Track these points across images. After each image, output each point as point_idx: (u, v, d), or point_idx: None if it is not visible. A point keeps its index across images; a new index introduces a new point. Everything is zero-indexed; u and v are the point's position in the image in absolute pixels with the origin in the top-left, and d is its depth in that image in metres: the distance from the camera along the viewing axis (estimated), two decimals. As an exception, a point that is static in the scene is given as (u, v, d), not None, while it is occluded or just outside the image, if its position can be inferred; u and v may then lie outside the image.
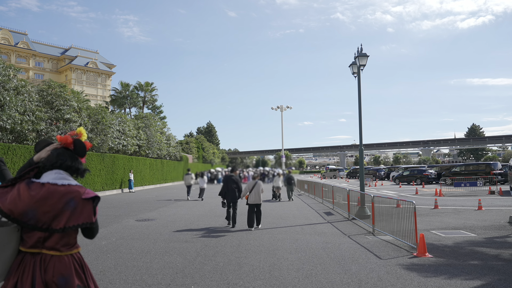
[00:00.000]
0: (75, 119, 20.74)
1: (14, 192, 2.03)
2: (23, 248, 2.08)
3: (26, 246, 2.08)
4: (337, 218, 12.37)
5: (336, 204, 14.85)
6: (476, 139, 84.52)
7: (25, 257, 2.07)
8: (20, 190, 2.04)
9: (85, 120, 21.50)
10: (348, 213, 12.47)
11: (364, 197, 12.04)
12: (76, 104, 21.45)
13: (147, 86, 48.27)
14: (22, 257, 2.07)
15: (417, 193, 21.95)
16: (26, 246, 2.08)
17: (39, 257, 2.06)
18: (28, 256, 2.07)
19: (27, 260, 2.06)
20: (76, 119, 20.83)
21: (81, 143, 2.28)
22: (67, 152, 2.26)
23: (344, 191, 13.69)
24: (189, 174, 20.74)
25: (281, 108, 63.05)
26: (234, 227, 10.37)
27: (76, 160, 2.27)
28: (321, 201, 17.94)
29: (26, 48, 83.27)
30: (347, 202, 12.78)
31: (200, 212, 14.19)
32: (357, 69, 12.60)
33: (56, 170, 2.18)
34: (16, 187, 2.06)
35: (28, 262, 2.05)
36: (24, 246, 2.08)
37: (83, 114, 22.04)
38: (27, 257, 2.07)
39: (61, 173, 2.17)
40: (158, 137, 37.58)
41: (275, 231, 9.67)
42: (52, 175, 2.15)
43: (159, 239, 8.57)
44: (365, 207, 12.04)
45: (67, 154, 2.25)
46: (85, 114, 22.31)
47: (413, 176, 33.43)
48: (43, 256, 2.06)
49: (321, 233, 9.41)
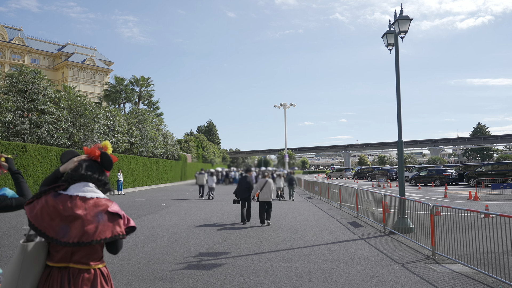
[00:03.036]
0: (52, 111, 17.90)
1: (43, 205, 2.00)
2: (50, 263, 2.04)
3: (53, 260, 2.03)
4: (369, 231, 9.51)
5: (362, 211, 11.99)
6: (486, 137, 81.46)
7: (52, 272, 2.02)
8: (48, 202, 2.01)
9: (63, 112, 18.66)
10: (383, 225, 9.61)
11: (404, 204, 9.18)
12: (54, 93, 18.63)
13: (143, 81, 45.28)
14: (49, 271, 2.03)
15: (446, 196, 19.04)
16: (53, 260, 2.03)
17: (67, 271, 2.01)
18: (55, 270, 2.02)
19: (54, 274, 2.01)
20: (53, 110, 17.99)
21: (108, 157, 2.25)
22: (95, 165, 2.23)
23: (375, 196, 10.85)
24: (202, 173, 20.82)
25: (284, 106, 60.20)
26: (248, 221, 11.08)
27: (103, 173, 2.25)
28: (339, 206, 15.08)
29: (21, 44, 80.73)
30: (381, 210, 9.93)
31: (192, 221, 11.35)
32: (395, 38, 9.73)
33: (84, 182, 2.13)
34: (44, 200, 2.02)
35: (55, 276, 2.00)
36: (51, 261, 2.04)
37: (63, 105, 19.19)
38: (54, 271, 2.02)
39: (89, 185, 2.13)
40: (153, 134, 34.76)
41: (294, 256, 6.81)
42: (80, 187, 2.11)
43: (116, 278, 5.62)
44: (406, 218, 9.19)
45: (95, 166, 2.22)
46: (65, 105, 19.47)
47: (431, 176, 30.49)
48: (71, 270, 2.02)
49: (360, 258, 6.56)
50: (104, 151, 2.27)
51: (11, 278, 2.00)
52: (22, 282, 1.99)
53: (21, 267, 2.00)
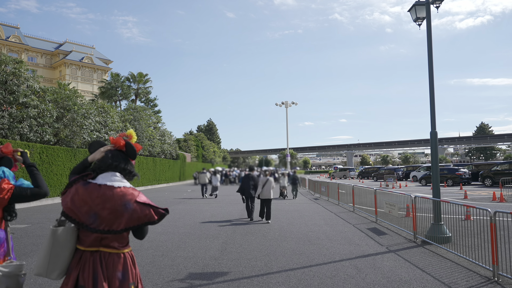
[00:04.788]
0: (35, 104, 16.33)
1: (74, 194, 2.10)
2: (81, 247, 2.12)
3: (84, 245, 2.11)
4: (396, 240, 7.93)
5: (382, 215, 10.42)
6: (493, 136, 79.78)
7: (84, 255, 2.10)
8: (79, 191, 2.09)
9: (48, 106, 17.07)
10: (413, 233, 8.02)
11: (440, 208, 7.60)
12: (38, 85, 17.05)
13: (140, 77, 43.55)
14: (81, 254, 2.11)
15: (467, 197, 17.43)
16: (84, 245, 2.11)
17: (98, 254, 2.09)
18: (87, 253, 2.10)
19: (86, 257, 2.09)
20: (36, 103, 16.41)
21: (131, 146, 2.29)
22: (121, 154, 2.27)
23: (401, 198, 9.28)
24: (204, 173, 21.08)
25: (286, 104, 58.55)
26: (252, 219, 11.24)
27: (129, 162, 2.30)
28: (351, 209, 13.50)
29: (18, 42, 79.21)
30: (411, 216, 8.36)
31: (186, 227, 9.77)
32: (426, 11, 8.12)
33: (111, 172, 2.20)
34: (74, 188, 2.11)
35: (87, 259, 2.08)
36: (82, 245, 2.12)
37: (48, 98, 17.61)
38: (85, 254, 2.10)
39: (116, 175, 2.19)
40: (150, 132, 33.17)
41: (313, 278, 5.21)
42: (108, 177, 2.17)
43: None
44: (442, 225, 7.61)
45: (121, 156, 2.27)
46: (50, 98, 17.88)
47: (443, 176, 28.80)
48: (102, 254, 2.10)
49: (401, 282, 4.97)
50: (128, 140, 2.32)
51: (42, 260, 2.12)
52: (52, 264, 2.10)
53: (51, 250, 2.10)
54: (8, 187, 2.51)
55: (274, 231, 9.12)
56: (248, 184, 11.36)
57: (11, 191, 2.52)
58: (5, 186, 2.50)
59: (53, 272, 2.09)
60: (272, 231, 9.19)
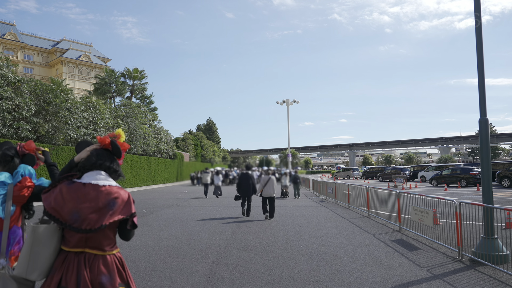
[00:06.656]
0: (9, 96, 14.60)
1: (57, 193, 2.05)
2: (66, 248, 2.06)
3: (69, 245, 2.06)
4: (436, 259, 6.17)
5: (407, 223, 8.68)
6: (499, 135, 78.02)
7: (68, 256, 2.04)
8: (63, 190, 2.05)
9: (25, 99, 15.33)
10: (457, 249, 6.27)
11: (492, 216, 5.88)
12: (13, 75, 15.33)
13: (136, 73, 41.75)
14: (65, 255, 2.05)
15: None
16: (69, 245, 2.06)
17: (83, 256, 2.03)
18: (72, 255, 2.04)
19: (71, 258, 2.03)
20: (11, 95, 14.69)
21: (116, 144, 2.26)
22: (106, 153, 2.24)
23: (439, 204, 7.57)
24: (207, 173, 21.38)
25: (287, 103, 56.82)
26: (248, 216, 11.47)
27: (114, 161, 2.26)
28: (366, 214, 11.76)
29: (13, 39, 77.73)
30: (455, 229, 6.64)
31: (171, 239, 8.03)
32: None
33: (96, 170, 2.16)
34: (58, 188, 2.07)
35: (71, 260, 2.02)
36: (66, 246, 2.06)
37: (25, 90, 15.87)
38: (70, 255, 2.04)
39: (101, 174, 2.15)
40: (144, 130, 31.45)
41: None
42: (93, 175, 2.13)
43: None
44: (496, 239, 5.87)
45: (106, 154, 2.23)
46: (28, 90, 16.15)
47: (456, 176, 27.10)
48: (87, 255, 2.04)
49: None
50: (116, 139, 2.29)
51: (22, 258, 2.05)
52: (32, 262, 2.03)
53: (31, 248, 2.03)
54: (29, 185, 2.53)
55: (279, 244, 7.38)
56: (248, 184, 11.39)
57: (31, 189, 2.55)
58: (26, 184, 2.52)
59: (33, 272, 2.02)
60: (276, 243, 7.46)
